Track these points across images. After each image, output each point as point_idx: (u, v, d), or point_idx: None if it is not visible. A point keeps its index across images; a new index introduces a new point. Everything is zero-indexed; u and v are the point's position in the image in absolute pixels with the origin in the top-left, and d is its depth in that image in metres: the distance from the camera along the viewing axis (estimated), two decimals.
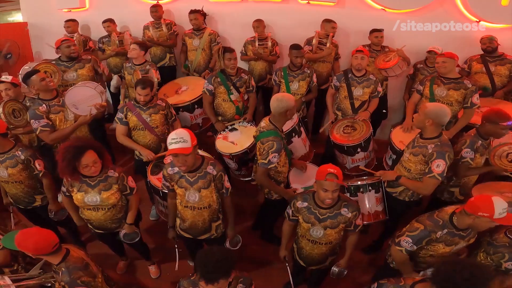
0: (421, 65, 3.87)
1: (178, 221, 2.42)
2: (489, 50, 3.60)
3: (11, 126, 2.94)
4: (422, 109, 2.38)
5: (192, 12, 4.13)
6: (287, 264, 2.47)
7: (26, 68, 3.46)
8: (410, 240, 2.03)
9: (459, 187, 2.72)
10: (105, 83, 4.04)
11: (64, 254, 1.87)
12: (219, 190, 2.30)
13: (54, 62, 3.54)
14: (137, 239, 2.57)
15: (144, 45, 3.78)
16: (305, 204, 2.17)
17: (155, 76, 3.62)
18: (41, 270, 2.01)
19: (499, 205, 1.79)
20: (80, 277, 1.82)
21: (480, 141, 2.52)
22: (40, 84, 2.78)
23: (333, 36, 3.84)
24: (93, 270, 1.94)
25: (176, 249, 2.54)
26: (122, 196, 2.43)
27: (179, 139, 2.00)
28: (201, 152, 2.63)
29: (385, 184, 2.71)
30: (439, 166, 2.27)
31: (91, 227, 2.53)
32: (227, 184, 2.31)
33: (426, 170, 2.34)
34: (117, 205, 2.42)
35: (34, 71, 2.83)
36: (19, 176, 2.60)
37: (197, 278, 1.63)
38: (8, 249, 2.20)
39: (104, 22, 4.37)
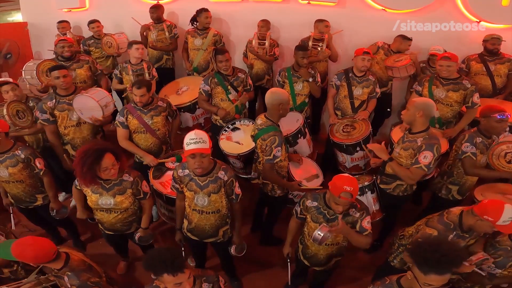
0: (424, 65, 3.85)
1: (185, 222, 2.41)
2: (495, 51, 3.56)
3: (17, 128, 2.95)
4: (411, 104, 2.44)
5: (203, 10, 4.07)
6: (288, 261, 2.46)
7: (30, 64, 3.49)
8: None
9: (458, 185, 2.73)
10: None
11: (65, 259, 1.87)
12: (228, 196, 2.28)
13: (54, 59, 3.60)
14: (151, 241, 2.58)
15: (143, 43, 3.80)
16: (315, 203, 2.16)
17: (145, 69, 3.62)
18: (37, 275, 2.01)
19: (507, 214, 1.79)
20: (89, 278, 1.84)
21: (480, 138, 2.53)
22: (54, 80, 2.87)
23: (327, 37, 3.79)
24: (97, 270, 1.97)
25: (183, 252, 2.51)
26: (135, 200, 2.42)
27: (198, 139, 1.99)
28: None
29: (378, 181, 2.74)
30: (426, 158, 2.32)
31: (102, 228, 2.53)
32: (237, 190, 2.29)
33: (413, 161, 2.39)
34: (130, 209, 2.42)
35: (60, 66, 2.91)
36: (20, 175, 2.60)
37: (157, 277, 1.57)
38: None
39: (92, 22, 4.29)
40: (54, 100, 2.91)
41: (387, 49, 3.83)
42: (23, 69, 3.51)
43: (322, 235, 1.97)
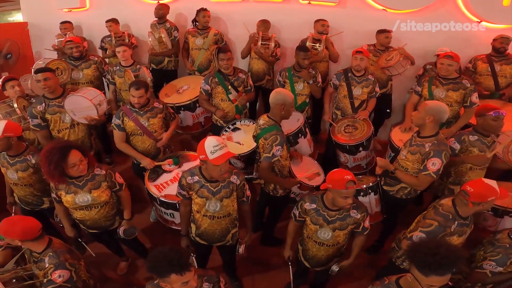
0: (430, 66, 3.85)
1: (193, 227, 2.38)
2: (502, 50, 3.58)
3: (26, 121, 2.97)
4: (422, 107, 2.40)
5: (201, 10, 4.11)
6: (289, 264, 2.46)
7: (40, 63, 3.48)
8: (424, 236, 2.04)
9: (459, 185, 2.71)
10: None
11: (48, 241, 1.95)
12: (239, 198, 2.28)
13: (64, 59, 3.61)
14: (136, 234, 2.58)
15: (129, 45, 3.78)
16: (313, 206, 2.15)
17: (147, 74, 3.60)
18: (15, 265, 2.06)
19: (495, 185, 1.94)
20: (67, 259, 1.89)
21: (476, 136, 2.56)
22: (36, 83, 2.82)
23: (325, 38, 3.80)
24: (77, 254, 2.04)
25: (193, 257, 2.48)
26: (112, 193, 2.43)
27: (222, 144, 1.99)
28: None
29: (382, 182, 2.74)
30: (435, 164, 2.30)
31: (84, 227, 2.53)
32: (248, 192, 2.30)
33: (421, 167, 2.37)
34: (109, 202, 2.43)
35: (45, 69, 2.84)
36: (29, 179, 2.60)
37: (163, 279, 1.54)
38: (9, 250, 2.20)
39: (106, 21, 4.36)
40: (44, 104, 2.83)
41: (373, 50, 3.84)
42: (33, 67, 3.50)
43: (337, 269, 2.30)
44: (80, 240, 2.65)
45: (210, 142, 1.98)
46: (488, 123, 2.48)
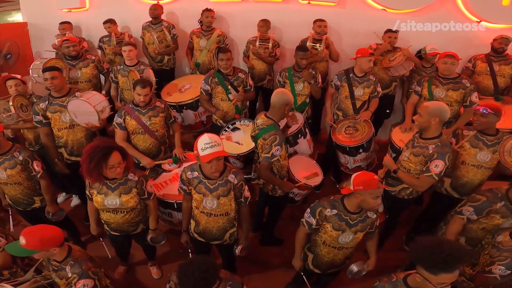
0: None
1: (193, 223, 2.38)
2: (500, 50, 3.59)
3: (21, 119, 3.00)
4: (424, 110, 2.37)
5: (206, 10, 4.13)
6: (302, 274, 2.40)
7: (37, 63, 3.48)
8: (472, 210, 2.21)
9: (450, 177, 2.69)
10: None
11: (68, 249, 1.92)
12: (237, 199, 2.27)
13: (61, 58, 3.60)
14: (163, 241, 2.58)
15: (135, 44, 3.78)
16: (335, 211, 2.09)
17: (152, 75, 3.60)
18: (34, 273, 2.03)
19: None
20: (90, 268, 1.88)
21: (472, 131, 2.56)
22: (44, 82, 2.85)
23: (325, 38, 3.81)
24: (98, 262, 2.02)
25: (190, 254, 2.48)
26: (140, 200, 2.41)
27: (214, 143, 1.98)
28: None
29: (384, 183, 2.72)
30: (438, 166, 2.30)
31: (107, 229, 2.53)
32: (246, 193, 2.28)
33: (424, 168, 2.36)
34: (136, 209, 2.41)
35: (53, 67, 2.84)
36: (18, 177, 2.59)
37: None
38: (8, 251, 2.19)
39: (104, 23, 4.37)
40: (47, 102, 2.86)
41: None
42: (31, 67, 3.49)
43: (357, 269, 2.28)
44: (101, 240, 2.65)
45: (202, 139, 2.00)
46: (471, 118, 2.54)
